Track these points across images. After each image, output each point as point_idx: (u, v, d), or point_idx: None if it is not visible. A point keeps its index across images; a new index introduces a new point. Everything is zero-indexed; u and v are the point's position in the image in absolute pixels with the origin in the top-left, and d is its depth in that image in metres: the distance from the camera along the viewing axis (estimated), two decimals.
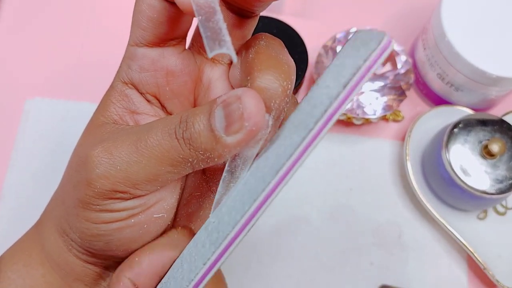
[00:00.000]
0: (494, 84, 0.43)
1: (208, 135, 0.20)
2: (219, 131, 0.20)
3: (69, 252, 0.24)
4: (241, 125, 0.19)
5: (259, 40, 0.23)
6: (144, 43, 0.23)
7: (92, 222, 0.22)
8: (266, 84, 0.21)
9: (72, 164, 0.24)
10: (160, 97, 0.24)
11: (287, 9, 0.53)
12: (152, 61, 0.23)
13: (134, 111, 0.24)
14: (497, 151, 0.41)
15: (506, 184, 0.41)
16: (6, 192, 0.45)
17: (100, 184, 0.21)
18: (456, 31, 0.43)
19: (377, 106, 0.45)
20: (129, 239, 0.23)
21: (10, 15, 0.52)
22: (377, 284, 0.44)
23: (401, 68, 0.46)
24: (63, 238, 0.24)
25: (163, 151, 0.21)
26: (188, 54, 0.24)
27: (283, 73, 0.21)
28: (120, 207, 0.22)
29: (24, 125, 0.47)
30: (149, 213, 0.23)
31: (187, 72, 0.24)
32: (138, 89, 0.24)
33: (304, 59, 0.43)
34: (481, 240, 0.45)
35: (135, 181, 0.21)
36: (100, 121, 0.24)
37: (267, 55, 0.22)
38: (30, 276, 0.25)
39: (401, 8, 0.55)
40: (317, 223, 0.46)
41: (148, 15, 0.22)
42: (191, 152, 0.20)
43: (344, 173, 0.48)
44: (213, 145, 0.20)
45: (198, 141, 0.20)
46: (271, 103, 0.21)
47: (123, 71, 0.24)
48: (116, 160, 0.21)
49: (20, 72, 0.50)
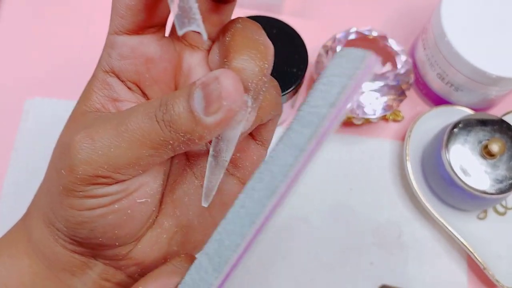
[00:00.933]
0: (494, 84, 0.43)
1: (187, 116, 0.20)
2: (199, 112, 0.20)
3: (56, 242, 0.24)
4: (220, 105, 0.19)
5: (236, 23, 0.23)
6: (123, 31, 0.23)
7: (76, 209, 0.22)
8: (242, 64, 0.21)
9: (55, 152, 0.24)
10: (140, 84, 0.24)
11: (287, 9, 0.53)
12: (132, 48, 0.23)
13: (116, 99, 0.24)
14: (497, 151, 0.41)
15: (506, 184, 0.41)
16: (6, 192, 0.45)
17: (82, 170, 0.21)
18: (456, 31, 0.43)
19: (377, 106, 0.45)
20: (113, 225, 0.23)
21: (10, 15, 0.52)
22: (377, 284, 0.44)
23: (401, 68, 0.46)
24: (50, 229, 0.24)
25: (144, 134, 0.21)
26: (168, 41, 0.24)
27: (259, 53, 0.21)
28: (103, 192, 0.22)
29: (24, 125, 0.47)
30: (132, 198, 0.23)
31: (167, 58, 0.24)
32: (119, 77, 0.24)
33: (304, 59, 0.43)
34: (481, 240, 0.45)
35: (117, 166, 0.21)
36: (82, 110, 0.24)
37: (242, 36, 0.22)
38: (16, 267, 0.25)
39: (401, 8, 0.55)
40: (317, 223, 0.46)
41: (126, 3, 0.22)
42: (172, 134, 0.20)
43: (344, 173, 0.48)
44: (193, 127, 0.20)
45: (178, 122, 0.20)
46: (248, 83, 0.21)
47: (103, 60, 0.24)
48: (98, 145, 0.21)
49: (20, 72, 0.50)
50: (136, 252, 0.25)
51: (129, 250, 0.25)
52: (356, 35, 0.46)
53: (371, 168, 0.48)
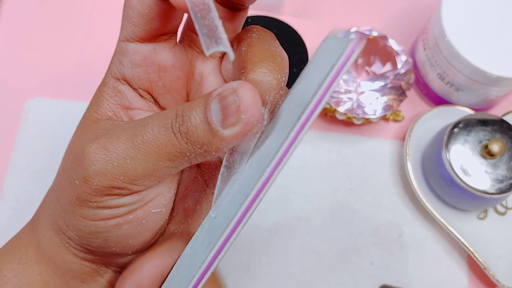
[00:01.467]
0: (494, 84, 0.43)
1: (205, 128, 0.20)
2: (216, 124, 0.19)
3: (66, 250, 0.24)
4: (238, 118, 0.19)
5: (251, 32, 0.23)
6: (135, 38, 0.23)
7: (89, 219, 0.22)
8: (260, 77, 0.21)
9: (67, 161, 0.24)
10: (152, 92, 0.24)
11: (287, 9, 0.53)
12: (144, 56, 0.23)
13: (128, 107, 0.24)
14: (497, 151, 0.41)
15: (506, 184, 0.41)
16: (6, 192, 0.45)
17: (97, 181, 0.21)
18: (456, 31, 0.43)
19: (377, 106, 0.45)
20: (127, 235, 0.23)
21: (10, 15, 0.52)
22: (377, 284, 0.44)
23: (401, 68, 0.46)
24: (60, 236, 0.24)
25: (160, 145, 0.21)
26: (180, 49, 0.24)
27: (277, 66, 0.21)
28: (118, 203, 0.22)
29: (24, 125, 0.47)
30: (147, 208, 0.23)
31: (179, 66, 0.24)
32: (130, 85, 0.24)
33: (304, 59, 0.43)
34: (481, 240, 0.45)
35: (133, 177, 0.21)
36: (93, 118, 0.24)
37: (260, 48, 0.22)
38: (26, 274, 0.25)
39: (401, 8, 0.55)
40: (317, 223, 0.46)
41: (139, 11, 0.22)
42: (188, 146, 0.20)
43: (344, 173, 0.48)
44: (210, 139, 0.20)
45: (195, 134, 0.20)
46: (266, 97, 0.21)
47: (114, 66, 0.24)
48: (113, 156, 0.21)
49: (20, 72, 0.50)
50: None
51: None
52: None
53: (371, 168, 0.48)
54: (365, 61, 0.46)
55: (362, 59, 0.46)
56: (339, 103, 0.45)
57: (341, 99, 0.45)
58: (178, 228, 0.25)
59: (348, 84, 0.45)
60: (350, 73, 0.45)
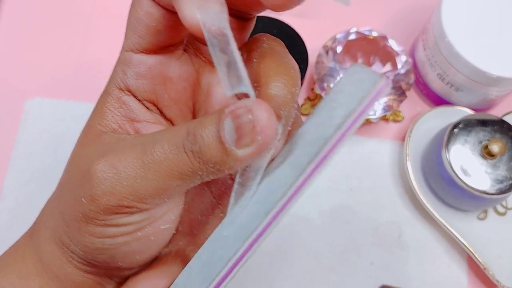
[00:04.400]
0: (494, 84, 0.43)
1: (218, 148, 0.19)
2: (230, 143, 0.19)
3: (69, 263, 0.24)
4: (253, 138, 0.18)
5: (261, 42, 0.22)
6: (140, 50, 0.22)
7: (96, 236, 0.21)
8: (276, 91, 0.20)
9: (71, 176, 0.23)
10: (158, 104, 0.24)
11: None
12: (149, 68, 0.22)
13: (133, 119, 0.23)
14: (497, 152, 0.41)
15: (506, 184, 0.41)
16: (6, 192, 0.45)
17: (106, 200, 0.20)
18: (456, 31, 0.43)
19: (377, 106, 0.45)
20: (135, 251, 0.22)
21: (10, 15, 0.52)
22: (377, 284, 0.44)
23: (401, 68, 0.46)
24: (62, 250, 0.23)
25: (171, 165, 0.20)
26: (186, 59, 0.24)
27: (291, 79, 0.20)
28: (127, 221, 0.21)
29: (24, 125, 0.47)
30: (156, 225, 0.22)
31: (186, 77, 0.23)
32: (135, 96, 0.23)
33: (304, 59, 0.43)
34: (481, 240, 0.45)
35: (143, 196, 0.20)
36: (97, 130, 0.23)
37: (273, 60, 0.21)
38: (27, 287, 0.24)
39: (401, 8, 0.55)
40: (317, 223, 0.46)
41: (145, 23, 0.21)
42: (201, 166, 0.20)
43: (344, 173, 0.48)
44: (224, 158, 0.19)
45: (208, 154, 0.19)
46: (280, 111, 0.20)
47: (118, 76, 0.23)
48: (122, 175, 0.20)
49: (20, 72, 0.50)
50: None
51: None
52: (356, 35, 0.46)
53: (371, 168, 0.48)
54: (365, 61, 0.46)
55: (362, 59, 0.46)
56: None
57: None
58: (183, 239, 0.25)
59: None
60: None
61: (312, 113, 0.20)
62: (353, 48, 0.46)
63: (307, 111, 0.50)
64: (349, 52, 0.46)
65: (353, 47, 0.46)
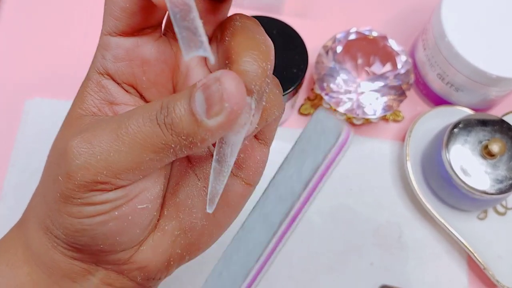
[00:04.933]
0: (494, 84, 0.43)
1: (189, 119, 0.20)
2: (200, 114, 0.19)
3: (55, 250, 0.24)
4: (221, 107, 0.19)
5: (234, 21, 0.22)
6: (118, 32, 0.22)
7: (74, 217, 0.22)
8: (245, 67, 0.20)
9: (51, 158, 0.23)
10: (137, 87, 0.24)
11: (287, 9, 0.53)
12: (127, 50, 0.23)
13: (112, 102, 0.24)
14: (497, 151, 0.41)
15: (506, 184, 0.41)
16: (6, 192, 0.45)
17: (80, 176, 0.21)
18: (456, 31, 0.43)
19: (377, 106, 0.45)
20: (114, 232, 0.22)
21: (10, 15, 0.52)
22: (377, 284, 0.44)
23: (401, 68, 0.46)
24: (48, 236, 0.24)
25: (144, 137, 0.20)
26: (164, 42, 0.24)
27: (261, 54, 0.21)
28: (102, 199, 0.21)
29: (24, 125, 0.47)
30: (132, 204, 0.22)
31: (164, 60, 0.24)
32: (114, 79, 0.23)
33: (304, 59, 0.43)
34: (481, 240, 0.45)
35: (117, 171, 0.21)
36: (78, 114, 0.23)
37: (243, 36, 0.21)
38: (15, 275, 0.24)
39: (401, 8, 0.55)
40: (317, 223, 0.46)
41: (120, 5, 0.21)
42: (173, 138, 0.20)
43: (344, 173, 0.48)
44: (195, 129, 0.20)
45: (180, 126, 0.20)
46: (251, 86, 0.20)
47: (97, 61, 0.23)
48: (96, 149, 0.21)
49: (20, 72, 0.50)
50: (139, 256, 0.24)
51: (131, 254, 0.24)
52: (356, 35, 0.46)
53: (371, 169, 0.48)
54: (365, 61, 0.46)
55: (362, 59, 0.46)
56: (339, 103, 0.45)
57: (341, 99, 0.45)
58: (170, 223, 0.25)
59: (348, 84, 0.45)
60: (350, 73, 0.45)
61: (284, 162, 0.21)
62: (353, 48, 0.46)
63: (307, 111, 0.50)
64: (349, 52, 0.46)
65: (353, 47, 0.46)
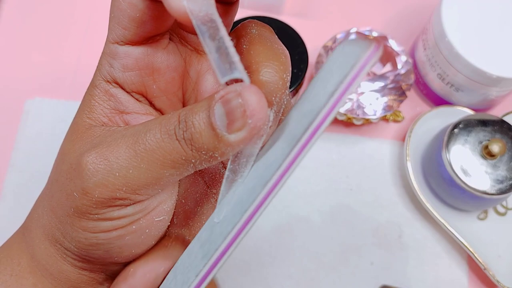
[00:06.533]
0: (494, 84, 0.43)
1: (210, 134, 0.19)
2: (221, 129, 0.19)
3: (63, 261, 0.23)
4: (244, 122, 0.18)
5: (250, 28, 0.22)
6: (126, 41, 0.21)
7: (90, 231, 0.21)
8: (267, 78, 0.20)
9: (61, 171, 0.22)
10: (147, 95, 0.23)
11: (287, 9, 0.53)
12: (136, 59, 0.22)
13: (123, 111, 0.23)
14: (497, 152, 0.41)
15: (507, 184, 0.41)
16: (6, 192, 0.45)
17: (98, 193, 0.20)
18: (456, 31, 0.43)
19: (377, 106, 0.45)
20: (130, 245, 0.22)
21: (10, 15, 0.52)
22: (377, 284, 0.44)
23: (401, 68, 0.46)
24: (56, 247, 0.23)
25: (164, 153, 0.20)
26: (173, 48, 0.23)
27: (281, 65, 0.20)
28: (120, 214, 0.21)
29: (24, 125, 0.47)
30: (150, 217, 0.22)
31: (174, 67, 0.23)
32: (123, 88, 0.23)
33: (304, 59, 0.43)
34: (481, 240, 0.45)
35: (136, 187, 0.20)
36: (87, 124, 0.22)
37: (263, 46, 0.21)
38: (19, 286, 0.24)
39: (401, 8, 0.55)
40: (317, 223, 0.46)
41: (129, 15, 0.20)
42: (193, 153, 0.19)
43: (344, 173, 0.48)
44: (216, 144, 0.19)
45: (200, 141, 0.19)
46: (272, 97, 0.20)
47: (104, 69, 0.22)
48: (114, 166, 0.20)
49: (21, 72, 0.50)
50: None
51: None
52: (357, 36, 0.46)
53: (371, 169, 0.48)
54: None
55: None
56: None
57: None
58: (179, 231, 0.25)
59: None
60: None
61: (305, 90, 0.20)
62: None
63: None
64: None
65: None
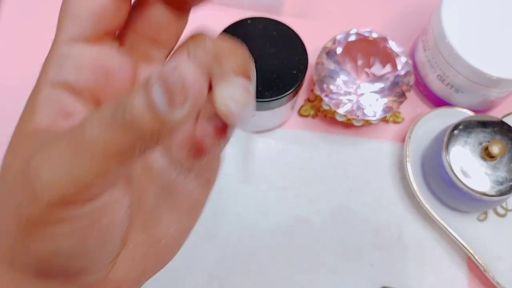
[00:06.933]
0: (494, 85, 0.43)
1: (151, 114, 0.17)
2: (163, 106, 0.17)
3: (24, 282, 0.21)
4: (186, 95, 0.17)
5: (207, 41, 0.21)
6: (80, 39, 0.20)
7: (48, 240, 0.19)
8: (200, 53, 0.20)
9: (5, 185, 0.20)
10: (98, 97, 0.22)
11: (287, 10, 0.53)
12: (90, 59, 0.21)
13: (69, 114, 0.21)
14: (497, 153, 0.41)
15: (506, 185, 0.41)
16: None
17: (48, 196, 0.18)
18: (456, 32, 0.43)
19: (377, 107, 0.45)
20: (94, 246, 0.20)
21: (10, 15, 0.52)
22: (377, 285, 0.44)
23: (401, 69, 0.46)
24: (14, 269, 0.21)
25: (106, 143, 0.18)
26: (124, 51, 0.22)
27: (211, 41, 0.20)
28: (77, 213, 0.19)
29: None
30: (110, 214, 0.20)
31: (127, 69, 0.22)
32: (71, 91, 0.21)
33: (304, 61, 0.43)
34: (481, 242, 0.45)
35: (84, 183, 0.18)
36: (29, 132, 0.21)
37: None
38: None
39: (401, 9, 0.55)
40: (317, 224, 0.46)
41: (89, 8, 0.20)
42: (136, 137, 0.18)
43: (344, 174, 0.48)
44: (159, 123, 0.18)
45: (142, 123, 0.17)
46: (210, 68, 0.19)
47: (52, 71, 0.21)
48: (57, 165, 0.18)
49: (20, 72, 0.50)
50: (114, 273, 0.22)
51: (107, 273, 0.22)
52: (356, 37, 0.46)
53: (371, 170, 0.48)
54: (365, 63, 0.46)
55: (362, 61, 0.46)
56: (338, 104, 0.45)
57: (341, 101, 0.45)
58: (140, 236, 0.23)
59: (347, 86, 0.45)
60: (350, 74, 0.45)
61: None
62: (353, 49, 0.46)
63: (307, 113, 0.49)
64: (349, 53, 0.46)
65: (353, 48, 0.46)
